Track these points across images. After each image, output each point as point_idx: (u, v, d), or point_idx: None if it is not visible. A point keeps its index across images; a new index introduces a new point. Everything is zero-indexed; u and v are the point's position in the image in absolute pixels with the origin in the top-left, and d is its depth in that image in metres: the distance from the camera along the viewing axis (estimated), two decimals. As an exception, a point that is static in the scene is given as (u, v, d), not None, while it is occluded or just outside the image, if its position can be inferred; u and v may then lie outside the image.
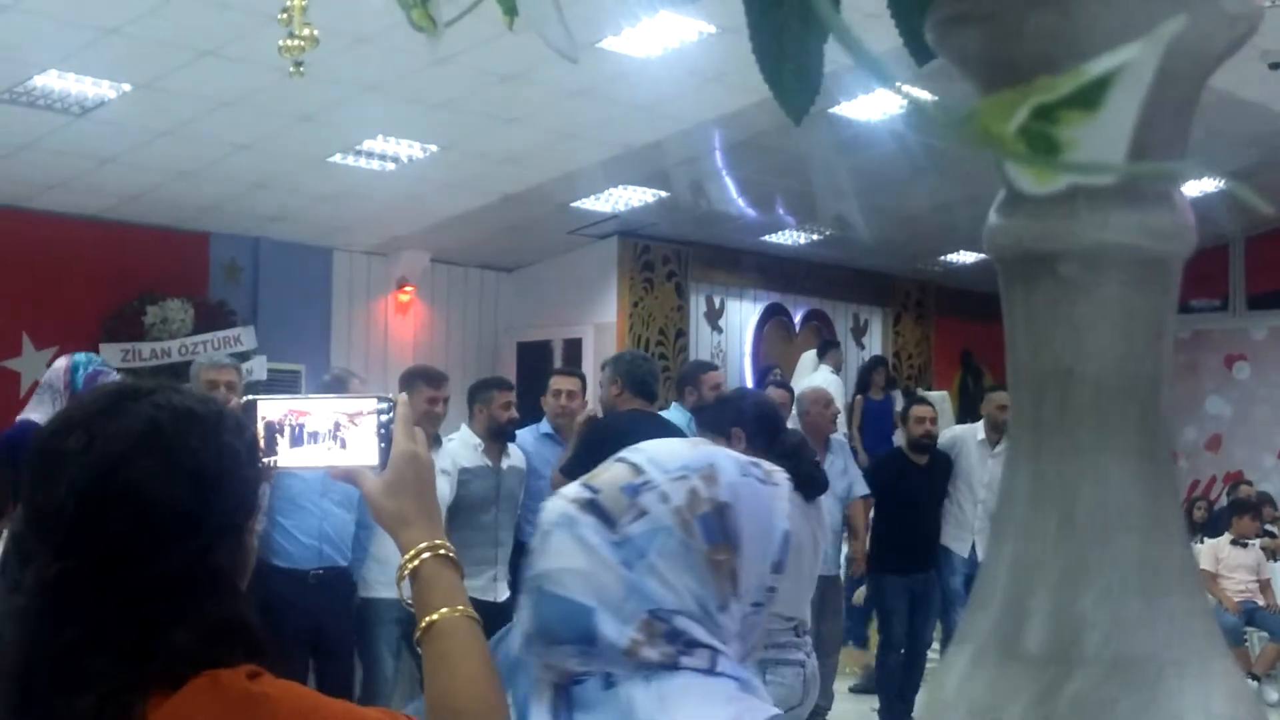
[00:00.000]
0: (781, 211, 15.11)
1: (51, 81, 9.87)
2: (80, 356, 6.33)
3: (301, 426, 1.90)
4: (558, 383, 8.43)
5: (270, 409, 1.89)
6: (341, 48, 8.36)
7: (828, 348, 14.89)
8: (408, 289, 14.87)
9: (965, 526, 9.57)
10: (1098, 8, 1.25)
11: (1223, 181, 15.22)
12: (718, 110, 11.39)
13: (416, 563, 1.79)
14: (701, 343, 16.03)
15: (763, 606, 1.91)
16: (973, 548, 9.51)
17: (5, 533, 4.71)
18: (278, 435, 1.89)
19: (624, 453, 1.96)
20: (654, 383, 7.64)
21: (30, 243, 12.19)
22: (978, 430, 9.88)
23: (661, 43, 9.87)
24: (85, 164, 11.46)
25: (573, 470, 5.59)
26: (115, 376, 6.37)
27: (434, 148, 11.75)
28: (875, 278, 17.63)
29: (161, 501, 1.58)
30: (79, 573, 1.56)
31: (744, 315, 16.69)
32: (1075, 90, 0.85)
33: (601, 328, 15.09)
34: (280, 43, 6.08)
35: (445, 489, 7.39)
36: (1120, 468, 1.29)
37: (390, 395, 1.95)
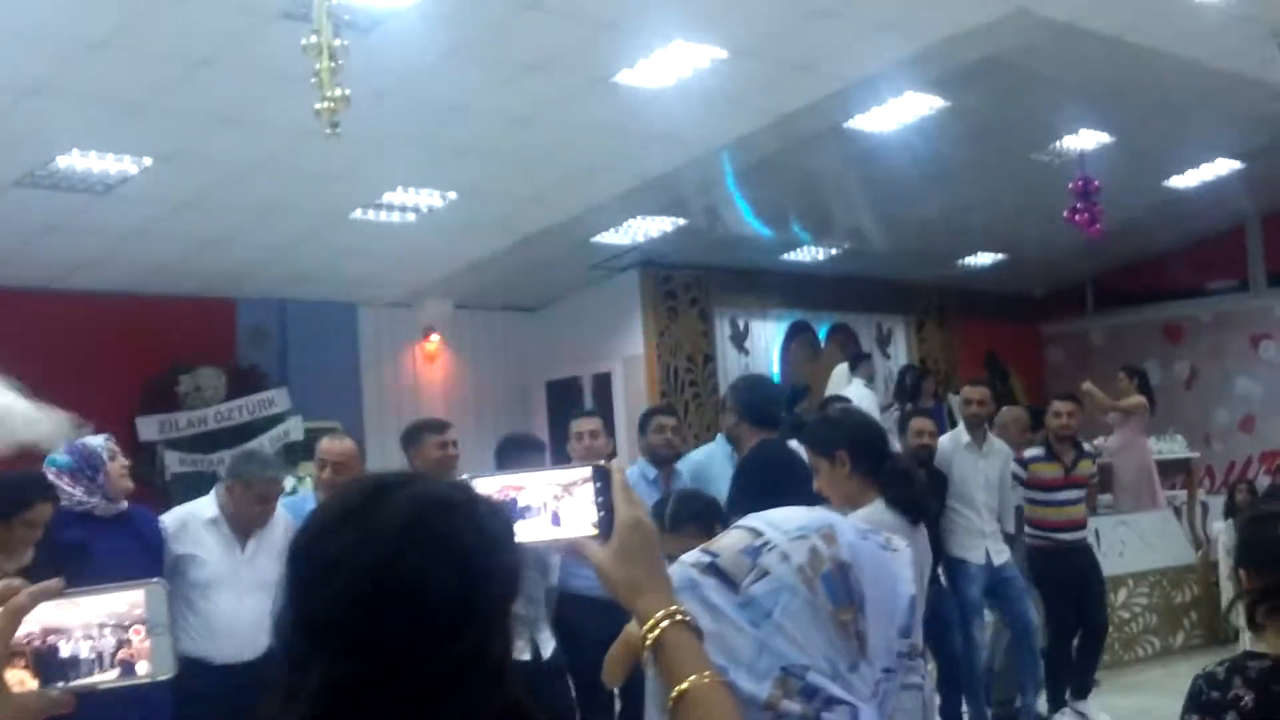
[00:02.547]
0: (797, 229, 15.16)
1: (74, 161, 9.94)
2: (50, 458, 6.17)
3: (515, 501, 1.87)
4: (579, 425, 8.34)
5: (486, 486, 1.85)
6: (357, 105, 8.40)
7: (859, 360, 14.83)
8: (434, 337, 14.92)
9: (975, 533, 9.34)
10: None
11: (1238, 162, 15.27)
12: (731, 134, 11.43)
13: (658, 631, 1.76)
14: (729, 366, 16.04)
15: (894, 673, 1.89)
16: (987, 554, 9.35)
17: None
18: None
19: (740, 520, 1.98)
20: (776, 409, 7.38)
21: (61, 323, 12.25)
22: (960, 434, 9.75)
23: (675, 72, 9.91)
24: (110, 241, 11.53)
25: (746, 503, 5.52)
26: (92, 438, 6.34)
27: (453, 195, 11.81)
28: (895, 286, 17.65)
29: (435, 596, 1.55)
30: (360, 676, 1.53)
31: (769, 335, 16.71)
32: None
33: (630, 360, 15.12)
34: (315, 106, 6.12)
35: None
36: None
37: (605, 464, 1.91)
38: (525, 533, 1.83)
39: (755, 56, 9.86)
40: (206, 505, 6.67)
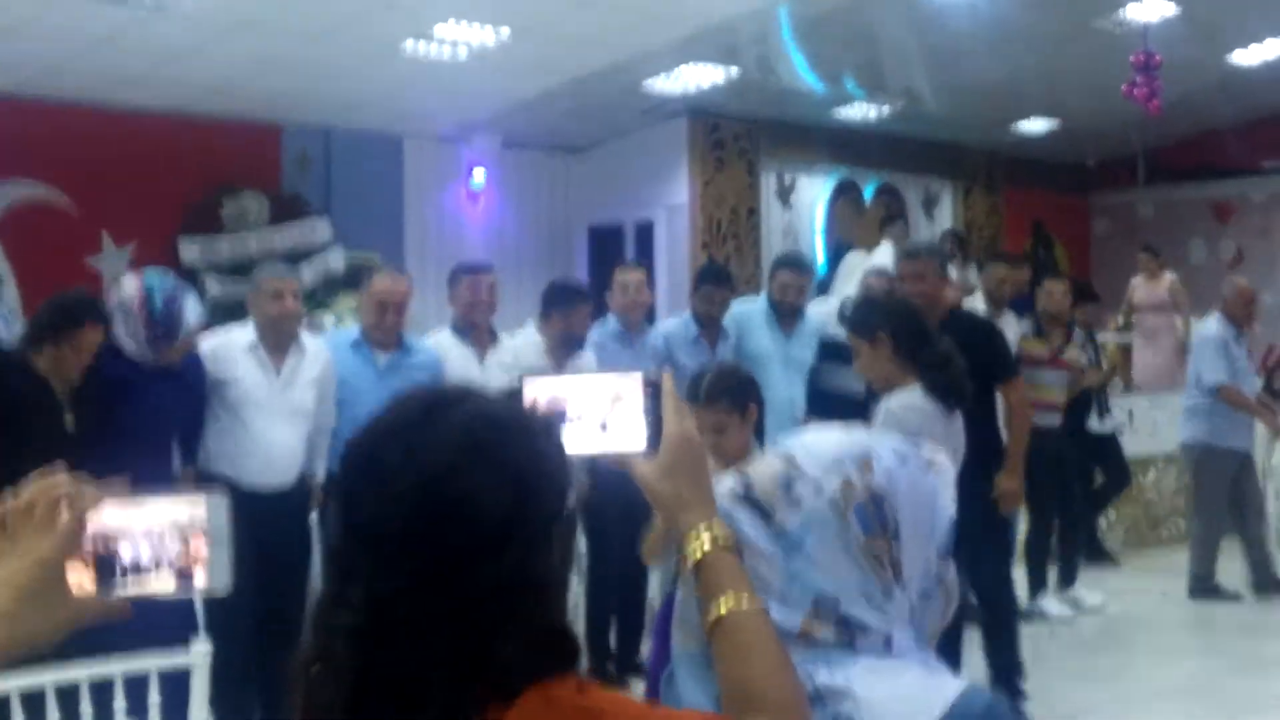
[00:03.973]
0: (850, 85, 14.97)
1: (127, -25, 9.84)
2: (152, 278, 6.20)
3: (564, 408, 1.86)
4: (623, 275, 8.38)
5: (536, 388, 1.87)
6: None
7: (889, 221, 14.58)
8: (478, 174, 14.84)
9: None
10: None
11: None
12: (792, -15, 11.27)
13: (698, 550, 1.76)
14: (772, 221, 15.94)
15: (932, 595, 1.89)
16: None
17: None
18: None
19: (780, 444, 1.97)
20: None
21: (105, 139, 12.23)
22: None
23: (739, -82, 9.74)
24: (160, 58, 11.42)
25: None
26: (192, 296, 6.31)
27: (506, 30, 11.65)
28: (946, 149, 17.45)
29: (485, 513, 1.57)
30: (408, 590, 1.55)
31: (814, 192, 16.57)
32: None
33: (673, 209, 15.02)
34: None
35: (507, 384, 7.43)
36: None
37: (655, 372, 1.89)
38: (572, 440, 1.81)
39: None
40: (245, 331, 6.73)
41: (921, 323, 5.49)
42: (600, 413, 1.86)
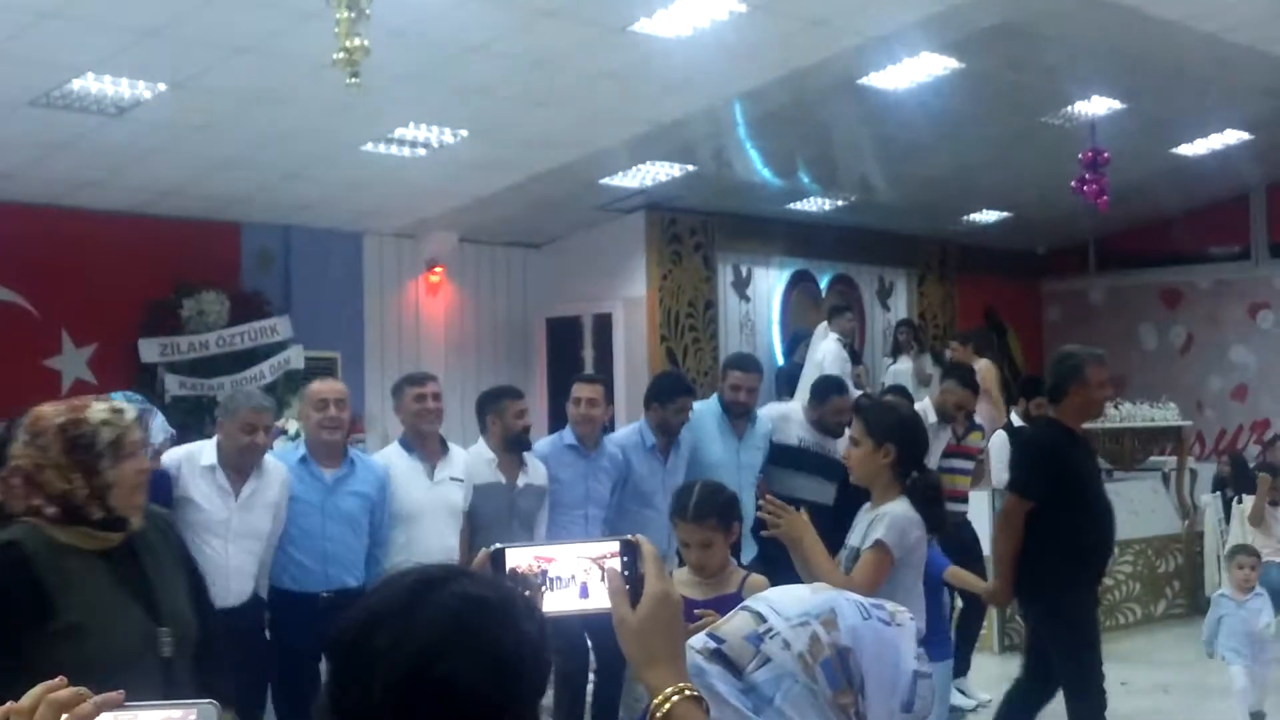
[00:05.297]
0: (804, 179, 15.18)
1: (89, 84, 9.92)
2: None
3: (546, 573, 1.93)
4: (579, 390, 8.22)
5: (517, 557, 1.93)
6: (374, 40, 8.37)
7: (836, 312, 14.31)
8: (437, 270, 14.91)
9: None
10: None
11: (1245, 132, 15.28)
12: (743, 86, 11.45)
13: (668, 706, 1.83)
14: (730, 312, 16.09)
15: None
16: None
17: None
18: (527, 585, 1.91)
19: (748, 601, 2.06)
20: None
21: (66, 240, 12.25)
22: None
23: (692, 22, 9.90)
24: (120, 161, 11.51)
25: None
26: (159, 415, 6.29)
27: (465, 132, 11.80)
28: (899, 240, 17.69)
29: (470, 695, 1.61)
30: None
31: (771, 283, 16.74)
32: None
33: (631, 301, 15.13)
34: (333, 56, 6.13)
35: (459, 497, 7.43)
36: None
37: (633, 538, 1.96)
38: (554, 604, 1.90)
39: (773, 10, 9.85)
40: (206, 451, 6.71)
41: (925, 444, 5.58)
42: (581, 576, 1.94)
